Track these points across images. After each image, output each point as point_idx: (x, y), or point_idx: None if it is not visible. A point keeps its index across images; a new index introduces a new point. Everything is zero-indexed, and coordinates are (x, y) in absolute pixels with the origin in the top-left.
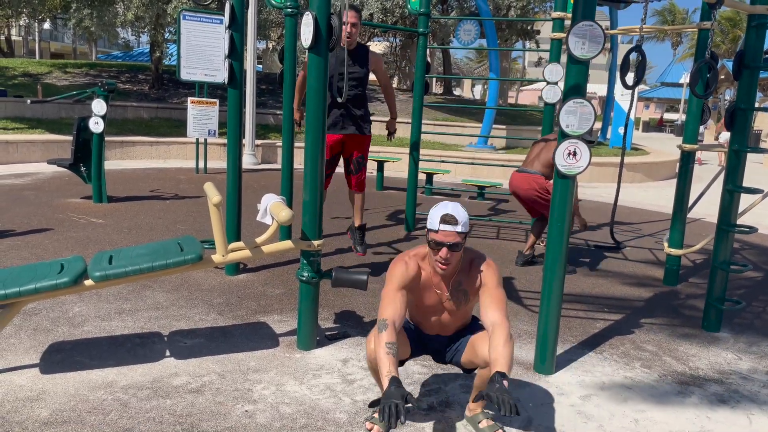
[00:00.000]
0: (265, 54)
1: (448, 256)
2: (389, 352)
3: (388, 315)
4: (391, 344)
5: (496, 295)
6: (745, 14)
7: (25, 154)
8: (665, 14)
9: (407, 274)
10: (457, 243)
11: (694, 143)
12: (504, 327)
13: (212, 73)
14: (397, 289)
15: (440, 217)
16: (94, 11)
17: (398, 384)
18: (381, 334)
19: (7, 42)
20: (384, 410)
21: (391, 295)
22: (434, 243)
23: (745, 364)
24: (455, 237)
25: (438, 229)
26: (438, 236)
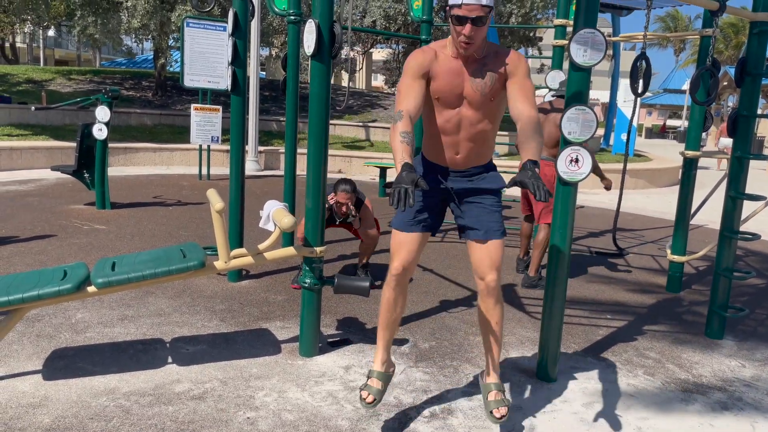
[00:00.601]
0: (268, 61)
1: (473, 32)
2: (403, 140)
3: (403, 106)
4: (405, 133)
5: (525, 86)
6: (747, 21)
7: (29, 160)
8: (668, 21)
9: (424, 60)
10: (481, 17)
11: (697, 150)
12: (533, 116)
13: (215, 80)
14: (414, 79)
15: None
16: (99, 19)
17: (410, 169)
18: (396, 124)
19: (12, 49)
20: (394, 195)
21: (406, 86)
22: (456, 19)
23: (748, 371)
24: (479, 10)
25: (461, 3)
26: (461, 11)
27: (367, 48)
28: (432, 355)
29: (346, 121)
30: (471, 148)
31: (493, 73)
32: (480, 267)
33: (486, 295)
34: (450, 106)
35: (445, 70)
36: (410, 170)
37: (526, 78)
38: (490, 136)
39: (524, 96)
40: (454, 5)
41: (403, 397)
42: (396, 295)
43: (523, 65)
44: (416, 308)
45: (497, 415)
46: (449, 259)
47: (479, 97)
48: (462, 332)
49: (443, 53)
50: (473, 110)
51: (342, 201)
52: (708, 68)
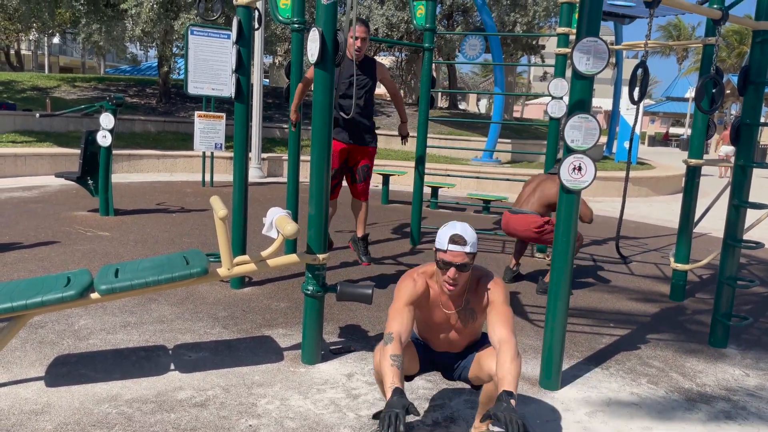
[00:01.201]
0: (271, 68)
1: (457, 276)
2: (393, 364)
3: (394, 329)
4: (395, 357)
5: (503, 313)
6: (750, 29)
7: (33, 167)
8: (670, 29)
9: (415, 291)
10: (466, 263)
11: (700, 158)
12: (511, 344)
13: (219, 88)
14: (405, 305)
15: (449, 237)
16: (103, 26)
17: (401, 394)
18: (386, 346)
19: (17, 56)
20: (384, 419)
21: (398, 310)
22: (443, 263)
23: (752, 380)
24: (464, 257)
25: (447, 249)
26: (447, 256)
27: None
28: None
29: None
30: (462, 346)
31: (476, 306)
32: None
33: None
34: (438, 330)
35: (434, 305)
36: (401, 396)
37: (505, 304)
38: (479, 336)
39: (503, 322)
40: (440, 250)
41: None
42: None
43: (501, 292)
44: None
45: None
46: None
47: (463, 327)
48: None
49: (433, 288)
50: (459, 334)
51: (359, 35)
52: (712, 77)
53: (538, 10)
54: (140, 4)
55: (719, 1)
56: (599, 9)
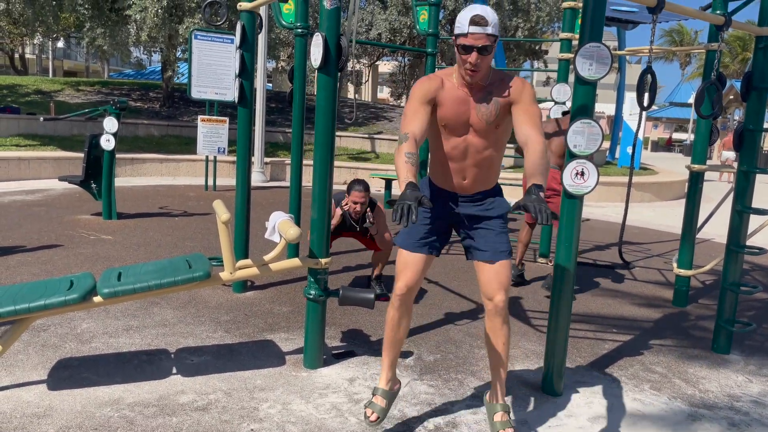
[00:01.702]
0: (275, 73)
1: (478, 61)
2: (408, 160)
3: (409, 129)
4: (410, 154)
5: (531, 111)
6: (753, 35)
7: (36, 170)
8: (673, 35)
9: (430, 87)
10: (487, 46)
11: (703, 164)
12: (539, 142)
13: (222, 92)
14: (420, 104)
15: (469, 18)
16: (108, 30)
17: (413, 187)
18: (401, 145)
19: (21, 60)
20: (397, 210)
21: (413, 110)
22: (463, 48)
23: (755, 387)
24: (485, 39)
25: (467, 32)
26: (467, 40)
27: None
28: (437, 368)
29: (352, 133)
30: (477, 174)
31: (497, 101)
32: (488, 288)
33: (494, 316)
34: (456, 133)
35: (450, 98)
36: (414, 188)
37: (532, 103)
38: (495, 161)
39: (530, 120)
40: (460, 34)
41: (408, 410)
42: (400, 315)
43: (528, 91)
44: (421, 321)
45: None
46: (454, 272)
47: (485, 125)
48: (467, 345)
49: (449, 81)
50: (479, 137)
51: (357, 200)
52: (713, 82)
53: (540, 15)
54: (145, 8)
55: (722, 6)
56: (602, 14)
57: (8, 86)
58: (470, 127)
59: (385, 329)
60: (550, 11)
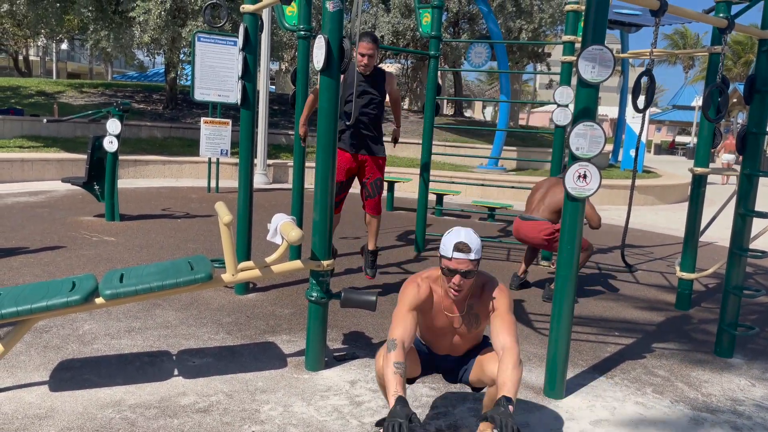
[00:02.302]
0: (277, 75)
1: (461, 282)
2: (397, 371)
3: (397, 335)
4: (399, 364)
5: (507, 320)
6: (756, 38)
7: (40, 172)
8: (676, 38)
9: (419, 296)
10: (470, 270)
11: (706, 167)
12: (514, 351)
13: (225, 94)
14: (408, 310)
15: (453, 244)
16: (111, 33)
17: (404, 404)
18: (389, 353)
19: (25, 62)
20: (387, 429)
21: (401, 316)
22: (447, 270)
23: (758, 391)
24: (468, 264)
25: (451, 257)
26: (451, 264)
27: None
28: None
29: None
30: (464, 350)
31: (480, 311)
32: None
33: None
34: (441, 334)
35: (438, 310)
36: (404, 405)
37: (509, 312)
38: (480, 341)
39: (506, 330)
40: (444, 257)
41: None
42: None
43: (506, 300)
44: None
45: None
46: None
47: (467, 331)
48: None
49: (437, 290)
50: (461, 338)
51: (364, 52)
52: (717, 85)
53: (544, 17)
54: (148, 11)
55: (725, 9)
56: (605, 17)
57: (12, 88)
58: (454, 331)
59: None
60: (553, 14)
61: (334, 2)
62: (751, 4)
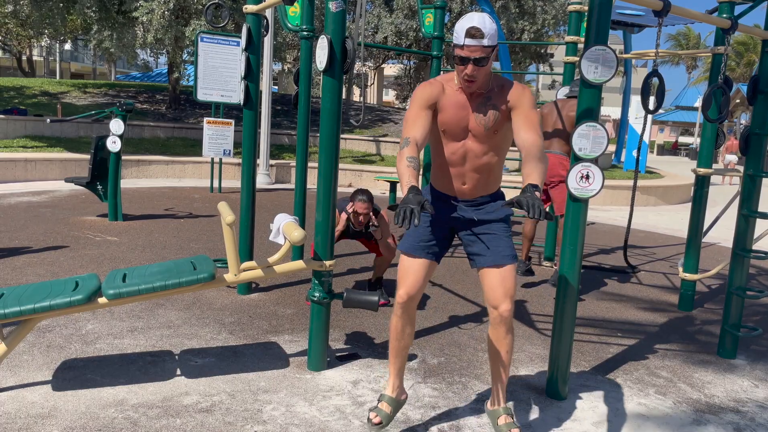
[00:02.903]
0: (280, 75)
1: (474, 72)
2: (410, 165)
3: (410, 134)
4: (411, 158)
5: (530, 117)
6: (759, 39)
7: (43, 172)
8: (679, 38)
9: (431, 92)
10: (484, 57)
11: (709, 167)
12: (537, 144)
13: (228, 94)
14: (422, 108)
15: (465, 30)
16: (115, 33)
17: (416, 192)
18: (403, 149)
19: (29, 62)
20: (399, 213)
21: (415, 115)
22: (459, 59)
23: (761, 392)
24: (481, 51)
25: (463, 44)
26: (464, 51)
27: (378, 63)
28: (441, 371)
29: (357, 136)
30: (477, 179)
31: (496, 107)
32: (493, 296)
33: (498, 324)
34: (455, 138)
35: (451, 104)
36: (417, 192)
37: (531, 109)
38: (495, 167)
39: (529, 125)
40: (457, 45)
41: (411, 413)
42: (403, 323)
43: (527, 97)
44: (425, 324)
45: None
46: (459, 275)
47: (483, 130)
48: (471, 348)
49: (450, 87)
50: (478, 143)
51: (360, 211)
52: (720, 86)
53: (546, 18)
54: (151, 11)
55: (728, 10)
56: (608, 18)
57: (15, 88)
58: (469, 132)
59: (390, 338)
60: (556, 14)
61: (337, 2)
62: (754, 4)
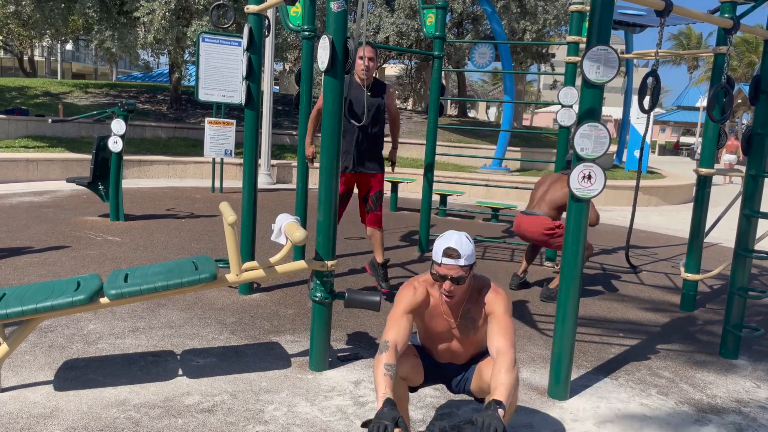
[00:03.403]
0: (282, 75)
1: (452, 289)
2: (387, 373)
3: (390, 337)
4: (389, 366)
5: (503, 323)
6: (761, 39)
7: (44, 172)
8: (681, 38)
9: (415, 299)
10: (461, 276)
11: (711, 167)
12: (508, 355)
13: (230, 94)
14: (403, 313)
15: (443, 250)
16: (116, 33)
17: (391, 406)
18: (381, 355)
19: (30, 62)
20: (373, 429)
21: (396, 318)
22: (438, 276)
23: (763, 392)
24: (458, 271)
25: (441, 263)
26: (441, 269)
27: (380, 63)
28: None
29: None
30: (466, 358)
31: (476, 316)
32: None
33: None
34: (440, 340)
35: (433, 314)
36: (392, 407)
37: (505, 315)
38: (483, 348)
39: (502, 333)
40: (435, 262)
41: (413, 413)
42: None
43: (502, 302)
44: None
45: None
46: None
47: (465, 337)
48: None
49: (433, 296)
50: (461, 344)
51: (365, 55)
52: (723, 86)
53: (548, 18)
54: (153, 11)
55: (730, 10)
56: (610, 18)
57: (17, 88)
58: (453, 336)
59: None
60: (558, 14)
61: (338, 3)
62: (756, 4)
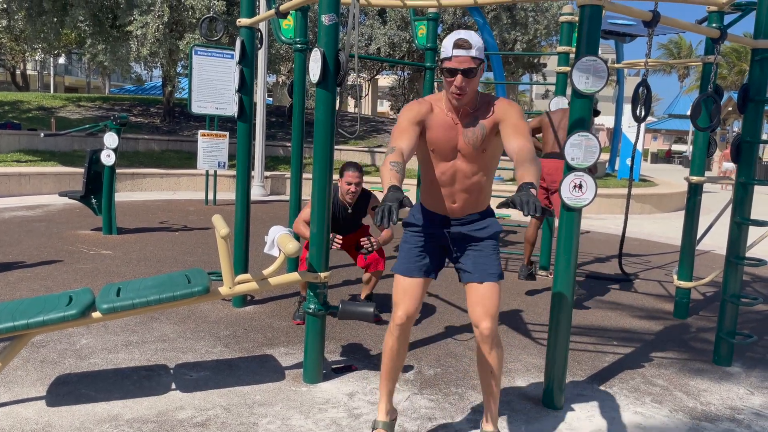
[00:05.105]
0: (275, 87)
1: (463, 84)
2: (393, 168)
3: (397, 144)
4: (395, 163)
5: (519, 125)
6: (749, 48)
7: (37, 186)
8: (671, 47)
9: (420, 110)
10: (472, 68)
11: (702, 175)
12: (529, 148)
13: (223, 107)
14: (409, 124)
15: (453, 42)
16: (109, 46)
17: (396, 189)
18: (388, 155)
19: (23, 76)
20: (378, 213)
21: (402, 128)
22: (448, 71)
23: (757, 399)
24: (469, 62)
25: (451, 56)
26: (452, 63)
27: (372, 74)
28: (437, 382)
29: (352, 147)
30: (467, 198)
31: (483, 125)
32: (474, 314)
33: (481, 342)
34: (445, 158)
35: (439, 124)
36: (396, 191)
37: (519, 119)
38: (485, 186)
39: (518, 133)
40: (445, 58)
41: (408, 424)
42: (399, 344)
43: (514, 110)
44: (421, 334)
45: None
46: (454, 285)
47: (472, 150)
48: (467, 359)
49: (438, 106)
50: (467, 163)
51: (351, 180)
52: (710, 95)
53: (539, 28)
54: (146, 24)
55: (717, 20)
56: (598, 28)
57: (10, 102)
58: (458, 153)
59: (383, 359)
60: (548, 25)
61: (329, 16)
62: (743, 14)
